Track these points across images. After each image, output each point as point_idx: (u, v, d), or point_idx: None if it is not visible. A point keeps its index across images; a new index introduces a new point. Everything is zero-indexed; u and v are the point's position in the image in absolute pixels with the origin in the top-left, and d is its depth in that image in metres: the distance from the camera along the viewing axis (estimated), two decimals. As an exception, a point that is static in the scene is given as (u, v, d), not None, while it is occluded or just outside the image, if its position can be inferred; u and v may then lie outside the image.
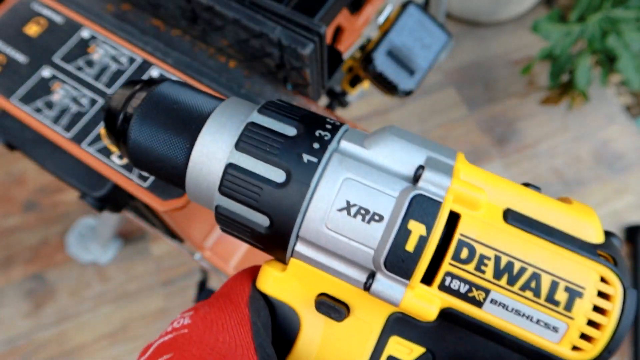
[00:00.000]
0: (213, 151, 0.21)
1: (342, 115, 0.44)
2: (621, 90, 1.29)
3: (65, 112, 0.40)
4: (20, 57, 0.43)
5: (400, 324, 0.21)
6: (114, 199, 0.41)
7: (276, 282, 0.22)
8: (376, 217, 0.19)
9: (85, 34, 0.43)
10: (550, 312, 0.19)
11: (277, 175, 0.20)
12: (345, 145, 0.21)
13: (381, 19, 0.53)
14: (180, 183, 0.23)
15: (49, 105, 0.41)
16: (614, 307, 0.18)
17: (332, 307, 0.21)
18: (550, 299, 0.19)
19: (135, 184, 0.38)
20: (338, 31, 0.53)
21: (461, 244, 0.19)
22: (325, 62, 0.41)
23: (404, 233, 0.19)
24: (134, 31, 0.44)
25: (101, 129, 0.40)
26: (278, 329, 0.22)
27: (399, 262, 0.19)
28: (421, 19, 0.50)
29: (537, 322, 0.19)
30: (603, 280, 0.19)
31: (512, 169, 1.19)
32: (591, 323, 0.19)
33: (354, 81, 0.58)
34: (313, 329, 0.22)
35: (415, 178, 0.20)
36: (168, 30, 0.45)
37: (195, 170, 0.22)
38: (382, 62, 0.48)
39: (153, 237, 1.13)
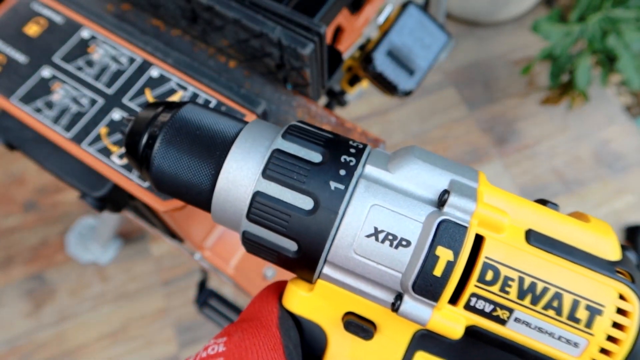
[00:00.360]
0: (240, 178, 0.21)
1: (341, 115, 0.44)
2: (621, 90, 1.29)
3: (65, 112, 0.40)
4: (20, 57, 0.43)
5: (426, 340, 0.22)
6: (114, 199, 0.41)
7: (303, 301, 0.23)
8: (404, 243, 0.20)
9: (85, 34, 0.43)
10: (572, 329, 0.19)
11: (305, 202, 0.20)
12: (370, 170, 0.21)
13: (381, 19, 0.53)
14: (205, 207, 0.23)
15: (49, 105, 0.41)
16: (632, 323, 0.19)
17: (360, 326, 0.22)
18: (572, 317, 0.19)
19: (135, 184, 0.38)
20: (338, 31, 0.53)
21: (486, 267, 0.19)
22: (325, 62, 0.41)
23: (432, 259, 0.19)
24: (134, 31, 0.44)
25: (101, 129, 0.40)
26: (306, 347, 0.23)
27: (427, 286, 0.19)
28: (421, 19, 0.50)
29: (559, 338, 0.20)
30: (621, 297, 0.19)
31: (512, 169, 1.19)
32: (610, 338, 0.19)
33: (353, 80, 0.58)
34: (341, 347, 0.22)
35: (441, 203, 0.20)
36: (168, 30, 0.45)
37: (221, 196, 0.22)
38: (382, 62, 0.48)
39: (153, 237, 1.13)
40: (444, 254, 0.19)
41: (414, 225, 0.20)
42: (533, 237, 0.20)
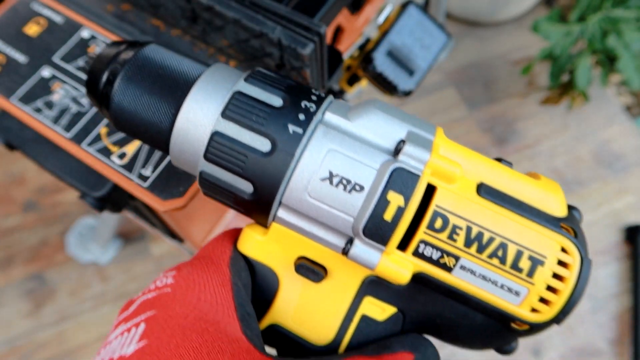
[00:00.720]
0: (199, 118, 0.21)
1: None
2: (621, 90, 1.29)
3: (65, 112, 0.40)
4: (20, 57, 0.43)
5: (375, 285, 0.22)
6: (114, 199, 0.41)
7: (257, 245, 0.23)
8: (357, 187, 0.20)
9: (85, 34, 0.43)
10: (514, 277, 0.20)
11: (262, 144, 0.21)
12: (329, 117, 0.22)
13: (381, 19, 0.53)
14: (164, 147, 0.23)
15: (49, 105, 0.41)
16: (571, 275, 0.20)
17: (311, 269, 0.22)
18: (515, 266, 0.20)
19: (135, 184, 0.38)
20: (338, 31, 0.53)
21: (436, 215, 0.20)
22: (325, 62, 0.41)
23: (383, 203, 0.20)
24: (134, 31, 0.44)
25: (101, 129, 0.40)
26: (257, 289, 0.24)
27: (377, 230, 0.20)
28: (421, 19, 0.50)
29: (501, 286, 0.20)
30: (563, 250, 0.20)
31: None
32: (550, 288, 0.20)
33: (352, 80, 0.58)
34: (291, 290, 0.23)
35: (396, 151, 0.21)
36: (168, 30, 0.45)
37: (180, 136, 0.22)
38: (381, 62, 0.48)
39: (153, 237, 1.13)
40: (395, 199, 0.20)
41: (369, 171, 0.20)
42: (484, 190, 0.21)
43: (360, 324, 0.23)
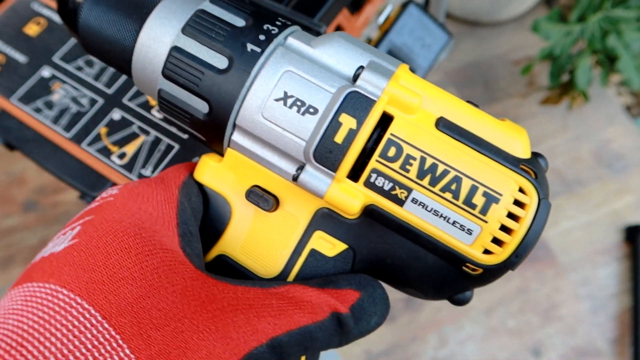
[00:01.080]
0: (160, 34, 0.21)
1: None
2: (621, 90, 1.29)
3: (65, 112, 0.40)
4: (20, 57, 0.43)
5: (326, 219, 0.22)
6: (113, 199, 0.41)
7: (212, 171, 0.23)
8: (311, 110, 0.20)
9: (85, 33, 0.43)
10: (467, 214, 0.20)
11: (219, 61, 0.21)
12: (292, 41, 0.21)
13: (381, 19, 0.53)
14: (127, 69, 0.23)
15: (49, 105, 0.41)
16: (527, 215, 0.19)
17: (261, 196, 0.22)
18: (468, 202, 0.19)
19: (135, 184, 0.38)
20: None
21: (390, 143, 0.20)
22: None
23: (335, 125, 0.20)
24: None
25: (101, 129, 0.40)
26: (210, 219, 0.23)
27: (327, 153, 0.20)
28: (421, 18, 0.50)
29: (453, 223, 0.20)
30: (521, 190, 0.20)
31: (512, 169, 1.19)
32: (504, 229, 0.20)
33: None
34: (243, 220, 0.23)
35: (355, 77, 0.20)
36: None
37: (141, 53, 0.22)
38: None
39: (153, 237, 1.13)
40: (348, 122, 0.20)
41: (324, 94, 0.20)
42: (442, 124, 0.20)
43: (308, 258, 0.22)
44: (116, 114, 0.40)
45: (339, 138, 0.20)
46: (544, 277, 1.08)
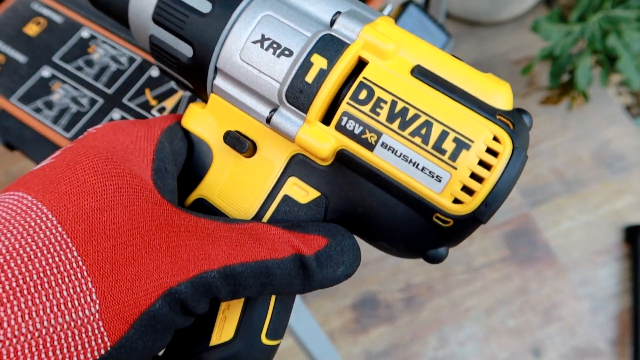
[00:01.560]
0: None
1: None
2: (621, 90, 1.29)
3: (65, 112, 0.40)
4: (20, 57, 0.43)
5: (300, 165, 0.22)
6: (113, 199, 0.41)
7: (197, 117, 0.24)
8: (286, 52, 0.21)
9: (85, 33, 0.43)
10: (436, 160, 0.19)
11: (203, 5, 0.22)
12: None
13: (381, 18, 0.53)
14: (125, 19, 0.25)
15: (49, 105, 0.41)
16: (498, 164, 0.19)
17: (237, 138, 0.22)
18: (438, 147, 0.19)
19: (135, 184, 0.38)
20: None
21: (361, 86, 0.20)
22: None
23: (306, 65, 0.20)
24: (133, 31, 0.44)
25: (101, 129, 0.40)
26: (193, 164, 0.24)
27: (298, 93, 0.20)
28: (421, 19, 0.50)
29: (422, 169, 0.19)
30: (496, 139, 0.19)
31: (512, 169, 1.19)
32: (474, 177, 0.19)
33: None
34: (223, 164, 0.23)
35: (332, 23, 0.21)
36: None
37: (136, 1, 0.23)
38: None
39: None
40: (319, 62, 0.20)
41: (300, 37, 0.21)
42: (418, 71, 0.20)
43: (281, 203, 0.22)
44: (116, 114, 0.40)
45: (309, 78, 0.20)
46: (544, 277, 1.08)
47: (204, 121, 0.24)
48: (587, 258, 1.10)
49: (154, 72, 0.42)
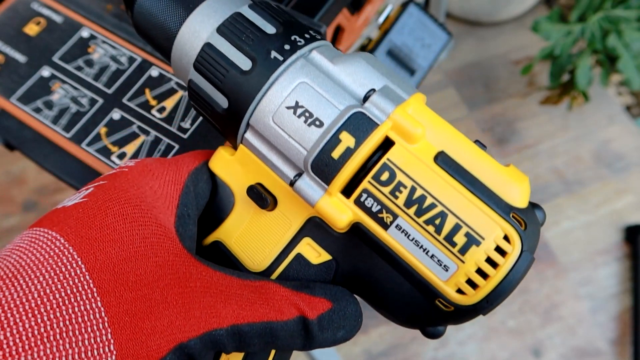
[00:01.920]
0: (199, 30, 0.23)
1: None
2: (621, 90, 1.29)
3: (65, 112, 0.40)
4: (20, 57, 0.43)
5: (316, 228, 0.23)
6: (113, 199, 0.41)
7: (224, 163, 0.25)
8: (317, 122, 0.21)
9: (85, 33, 0.43)
10: (446, 250, 0.20)
11: (244, 63, 0.22)
12: (315, 55, 0.22)
13: (381, 18, 0.53)
14: (168, 55, 0.25)
15: (49, 105, 0.41)
16: (505, 263, 0.19)
17: (259, 194, 0.23)
18: (449, 239, 0.20)
19: (135, 184, 0.38)
20: (338, 31, 0.53)
21: (384, 167, 0.20)
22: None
23: (334, 141, 0.21)
24: (134, 31, 0.44)
25: (101, 128, 0.40)
26: (215, 205, 0.25)
27: (323, 166, 0.21)
28: (421, 18, 0.50)
29: (432, 256, 0.20)
30: (506, 238, 0.20)
31: (512, 169, 1.19)
32: (480, 272, 0.20)
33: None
34: (243, 212, 0.24)
35: (365, 99, 0.21)
36: (168, 30, 0.45)
37: (180, 43, 0.24)
38: (382, 62, 0.48)
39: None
40: (347, 140, 0.20)
41: (332, 110, 0.21)
42: (441, 158, 0.21)
43: (293, 261, 0.23)
44: (116, 114, 0.40)
45: (336, 154, 0.20)
46: (544, 277, 1.08)
47: (231, 168, 0.24)
48: (587, 258, 1.10)
49: (154, 72, 0.41)
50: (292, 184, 0.22)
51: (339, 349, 1.03)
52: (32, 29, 0.44)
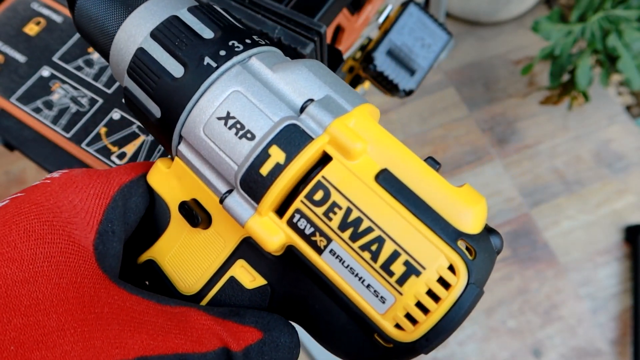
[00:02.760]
0: (134, 33, 0.22)
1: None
2: (621, 90, 1.29)
3: (65, 112, 0.40)
4: (20, 57, 0.43)
5: (251, 250, 0.21)
6: (113, 199, 0.41)
7: (161, 177, 0.23)
8: (248, 135, 0.19)
9: (84, 33, 0.43)
10: (383, 280, 0.18)
11: (176, 69, 0.21)
12: (254, 62, 0.21)
13: (381, 18, 0.53)
14: (107, 58, 0.24)
15: (49, 105, 0.41)
16: (448, 297, 0.17)
17: (190, 211, 0.21)
18: (386, 267, 0.18)
19: (135, 184, 0.38)
20: (338, 31, 0.53)
21: (318, 185, 0.19)
22: (326, 61, 0.41)
23: (263, 156, 0.19)
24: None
25: (101, 128, 0.40)
26: (153, 222, 0.23)
27: (252, 183, 0.19)
28: (421, 18, 0.50)
29: (368, 286, 0.18)
30: (451, 268, 0.18)
31: (512, 169, 1.19)
32: (420, 306, 0.18)
33: (355, 81, 0.57)
34: (178, 230, 0.23)
35: (302, 110, 0.20)
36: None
37: (117, 47, 0.22)
38: (382, 62, 0.48)
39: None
40: (276, 155, 0.19)
41: (265, 122, 0.19)
42: (383, 177, 0.19)
43: (226, 284, 0.22)
44: (116, 114, 0.40)
45: (265, 170, 0.19)
46: (544, 277, 1.08)
47: (167, 182, 0.23)
48: (587, 258, 1.10)
49: (154, 72, 0.41)
50: (221, 200, 0.20)
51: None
52: (32, 29, 0.44)
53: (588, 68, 0.97)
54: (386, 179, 0.19)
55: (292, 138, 0.19)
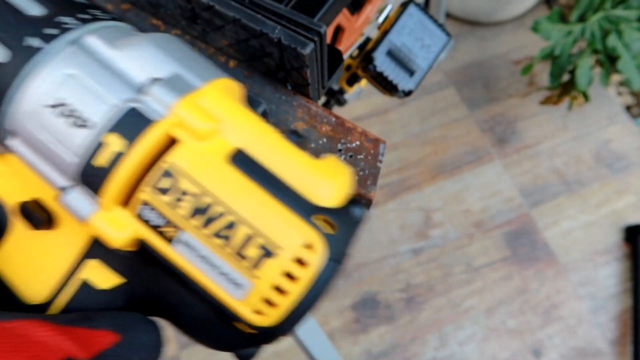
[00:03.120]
0: None
1: (341, 114, 0.44)
2: (621, 90, 1.29)
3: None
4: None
5: (103, 248, 0.19)
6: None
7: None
8: (84, 123, 0.17)
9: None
10: (237, 266, 0.17)
11: (1, 53, 0.18)
12: (91, 40, 0.19)
13: (381, 18, 0.53)
14: None
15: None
16: (306, 276, 0.17)
17: (30, 212, 0.19)
18: (240, 252, 0.17)
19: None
20: (338, 31, 0.53)
21: (163, 172, 0.17)
22: (325, 62, 0.41)
23: (100, 145, 0.17)
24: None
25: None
26: None
27: (92, 176, 0.18)
28: (421, 18, 0.50)
29: (222, 274, 0.17)
30: (309, 246, 0.17)
31: (512, 169, 1.19)
32: (277, 288, 0.17)
33: (352, 80, 0.58)
34: (19, 234, 0.20)
35: (144, 90, 0.18)
36: (168, 30, 0.45)
37: None
38: (382, 62, 0.48)
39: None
40: (115, 142, 0.17)
41: (101, 107, 0.17)
42: (238, 158, 0.18)
43: (79, 288, 0.20)
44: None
45: (104, 160, 0.17)
46: (544, 277, 1.08)
47: (6, 181, 0.20)
48: (587, 258, 1.10)
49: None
50: (59, 197, 0.18)
51: (339, 349, 1.03)
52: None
53: (588, 68, 0.97)
54: (241, 159, 0.18)
55: (131, 123, 0.17)
